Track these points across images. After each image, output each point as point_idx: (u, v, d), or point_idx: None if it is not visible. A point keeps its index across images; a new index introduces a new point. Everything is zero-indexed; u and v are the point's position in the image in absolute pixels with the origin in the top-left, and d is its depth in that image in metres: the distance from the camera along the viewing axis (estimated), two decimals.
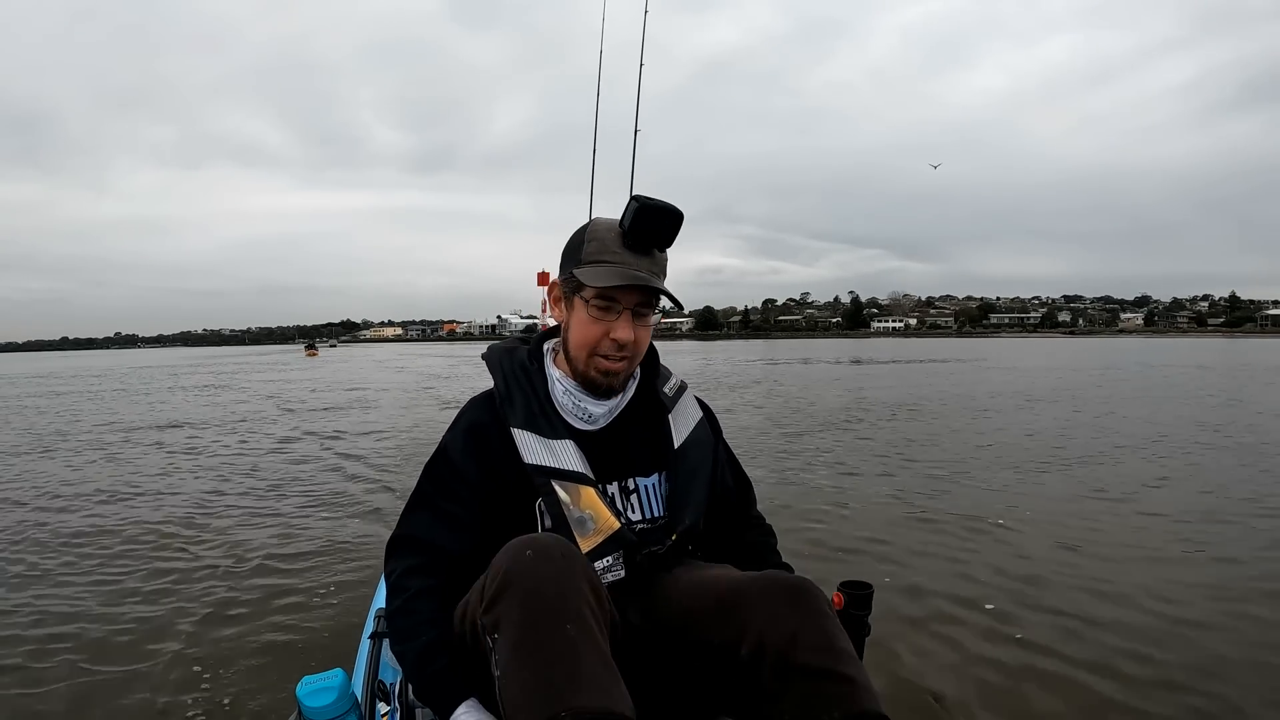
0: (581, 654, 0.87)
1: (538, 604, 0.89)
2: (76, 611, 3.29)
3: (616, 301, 1.15)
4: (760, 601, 1.00)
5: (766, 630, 0.97)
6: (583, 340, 1.18)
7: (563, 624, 0.88)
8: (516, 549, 0.96)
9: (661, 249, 1.18)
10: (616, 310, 1.16)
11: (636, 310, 1.17)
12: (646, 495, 1.24)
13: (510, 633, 0.89)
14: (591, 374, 1.19)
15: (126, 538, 4.55)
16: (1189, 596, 3.23)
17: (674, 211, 1.15)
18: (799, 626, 0.96)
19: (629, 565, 1.16)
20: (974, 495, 5.30)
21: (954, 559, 3.82)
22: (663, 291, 1.16)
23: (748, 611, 1.00)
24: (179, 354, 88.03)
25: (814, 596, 1.00)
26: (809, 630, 0.96)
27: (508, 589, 0.91)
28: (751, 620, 0.99)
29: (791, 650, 0.95)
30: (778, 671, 0.95)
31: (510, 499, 1.16)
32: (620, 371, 1.20)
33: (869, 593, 1.16)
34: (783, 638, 0.96)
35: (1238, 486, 5.44)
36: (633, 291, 1.15)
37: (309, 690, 1.13)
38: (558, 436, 1.18)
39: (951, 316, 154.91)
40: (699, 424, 1.32)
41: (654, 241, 1.16)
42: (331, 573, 3.74)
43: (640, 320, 1.18)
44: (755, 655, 0.97)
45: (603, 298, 1.15)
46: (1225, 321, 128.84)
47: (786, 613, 0.98)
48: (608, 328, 1.16)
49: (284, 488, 6.02)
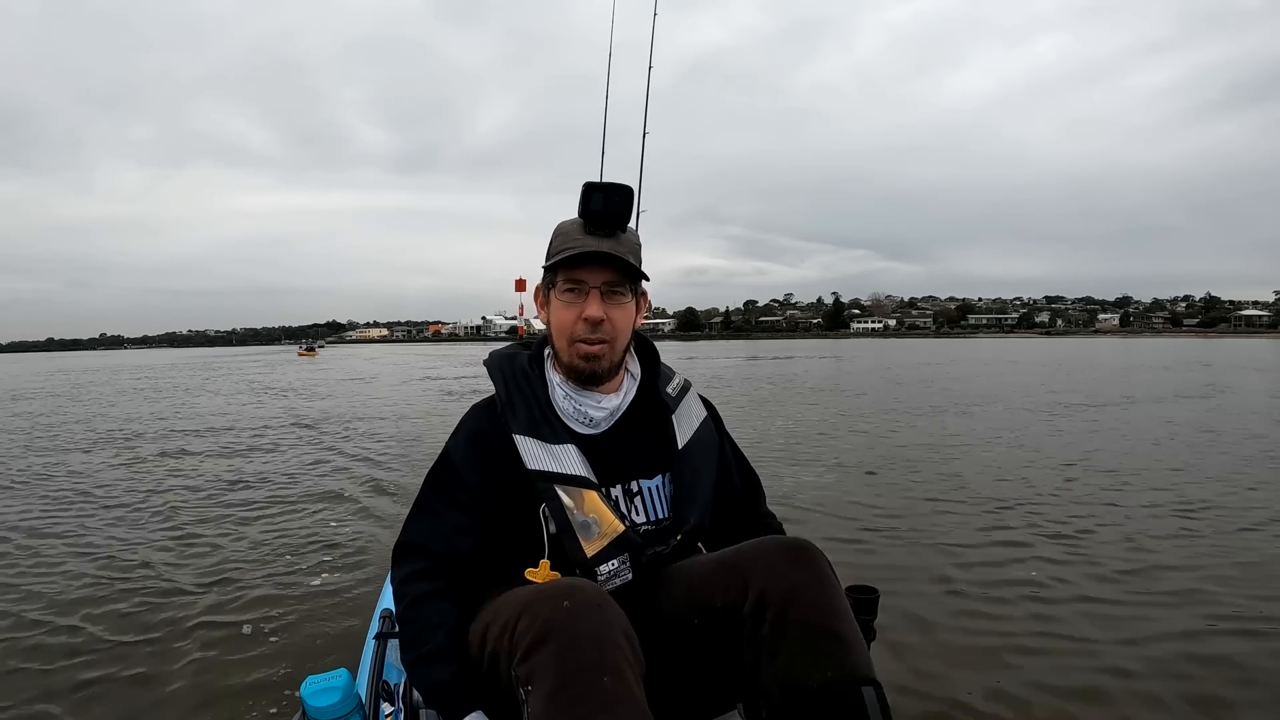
0: (618, 707, 0.87)
1: (575, 658, 0.89)
2: (77, 610, 3.29)
3: (583, 282, 1.17)
4: (763, 561, 1.02)
5: (768, 586, 0.99)
6: (559, 327, 1.20)
7: (600, 677, 0.88)
8: (553, 598, 0.94)
9: (621, 227, 1.20)
10: (584, 290, 1.18)
11: (608, 291, 1.18)
12: (650, 497, 1.25)
13: (545, 685, 0.88)
14: (575, 362, 1.20)
15: (133, 533, 4.57)
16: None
17: (621, 187, 1.17)
18: (800, 583, 0.98)
19: (635, 568, 1.17)
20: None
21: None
22: (626, 260, 1.17)
23: (750, 571, 1.02)
24: (170, 355, 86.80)
25: (816, 556, 1.03)
26: (810, 588, 0.98)
27: (545, 641, 0.90)
28: (754, 578, 1.01)
29: (791, 605, 0.97)
30: (776, 626, 0.97)
31: (514, 505, 1.17)
32: (601, 355, 1.20)
33: (874, 597, 1.17)
34: (784, 594, 0.98)
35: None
36: (599, 270, 1.17)
37: (313, 690, 1.14)
38: (559, 441, 1.19)
39: (930, 317, 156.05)
40: (703, 423, 1.32)
41: (609, 219, 1.18)
42: (337, 573, 3.76)
43: (612, 300, 1.19)
44: (757, 609, 0.99)
45: (570, 280, 1.18)
46: (1200, 322, 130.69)
47: (787, 570, 1.00)
48: (580, 309, 1.18)
49: (292, 486, 6.05)
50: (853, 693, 0.93)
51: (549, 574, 1.12)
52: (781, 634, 0.96)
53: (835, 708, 0.93)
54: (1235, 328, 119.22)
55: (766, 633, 0.97)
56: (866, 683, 0.94)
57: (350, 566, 3.85)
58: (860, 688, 0.93)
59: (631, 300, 1.22)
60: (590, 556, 1.13)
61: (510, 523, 1.17)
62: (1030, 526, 4.40)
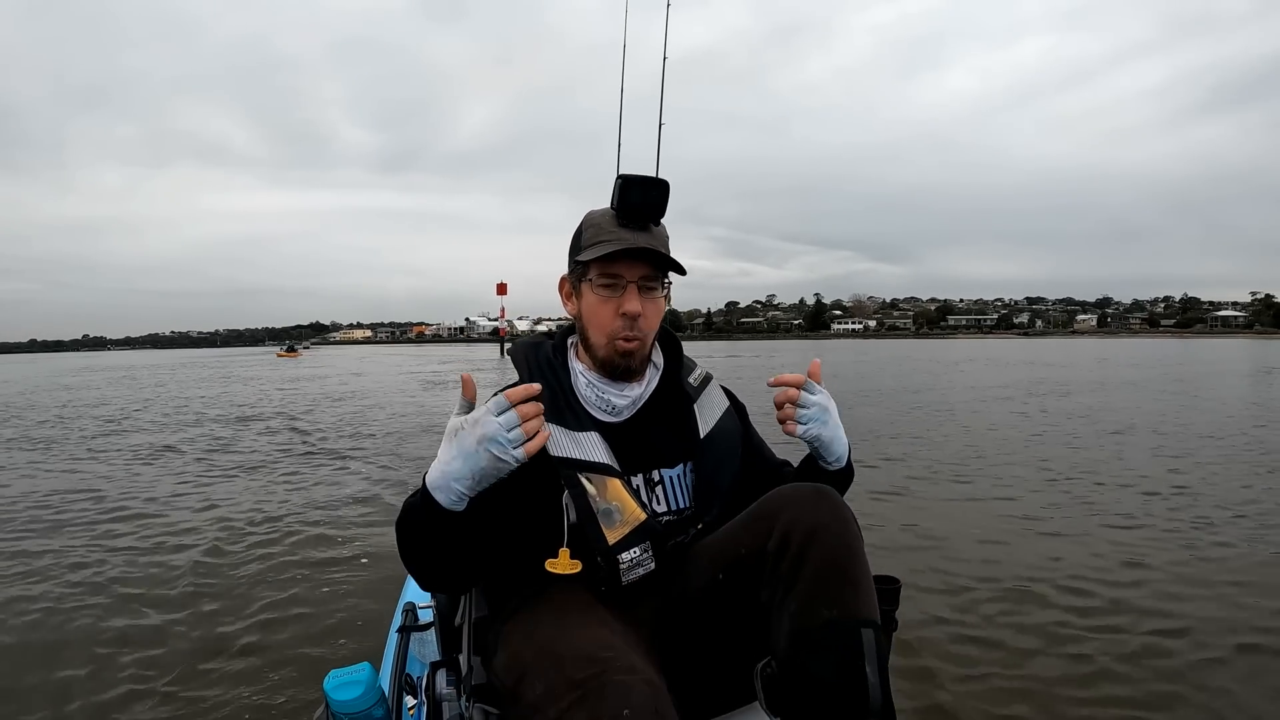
0: None
1: None
2: (99, 605, 3.30)
3: (620, 276, 1.16)
4: (790, 503, 1.04)
5: (792, 526, 1.00)
6: (597, 323, 1.19)
7: None
8: (614, 704, 0.88)
9: (656, 222, 1.19)
10: (622, 285, 1.16)
11: (643, 285, 1.17)
12: (672, 486, 1.24)
13: None
14: (613, 357, 1.19)
15: (159, 530, 4.62)
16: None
17: (659, 181, 1.16)
18: (820, 522, 1.00)
19: (658, 557, 1.16)
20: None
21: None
22: (663, 255, 1.17)
23: (778, 514, 1.03)
24: (158, 356, 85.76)
25: (837, 501, 1.04)
26: (831, 528, 0.99)
27: None
28: (780, 519, 1.02)
29: (812, 542, 0.98)
30: (796, 561, 0.98)
31: (535, 491, 1.16)
32: (635, 351, 1.19)
33: (896, 587, 1.16)
34: (806, 531, 0.99)
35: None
36: (635, 264, 1.16)
37: (336, 684, 1.13)
38: (583, 429, 1.18)
39: (911, 318, 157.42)
40: (725, 413, 1.31)
41: (645, 214, 1.17)
42: (361, 566, 3.77)
43: (647, 295, 1.18)
44: (781, 546, 1.00)
45: (606, 275, 1.16)
46: (1177, 323, 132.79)
47: (811, 510, 1.01)
48: (617, 304, 1.17)
49: (314, 485, 6.04)
50: (852, 632, 0.94)
51: (569, 563, 1.11)
52: (799, 569, 0.97)
53: (835, 646, 0.94)
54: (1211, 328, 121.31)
55: (785, 568, 0.99)
56: (867, 625, 0.95)
57: (373, 560, 3.86)
58: (860, 629, 0.94)
59: (663, 293, 1.22)
60: (612, 544, 1.12)
61: (531, 510, 1.16)
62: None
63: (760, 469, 1.34)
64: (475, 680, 1.13)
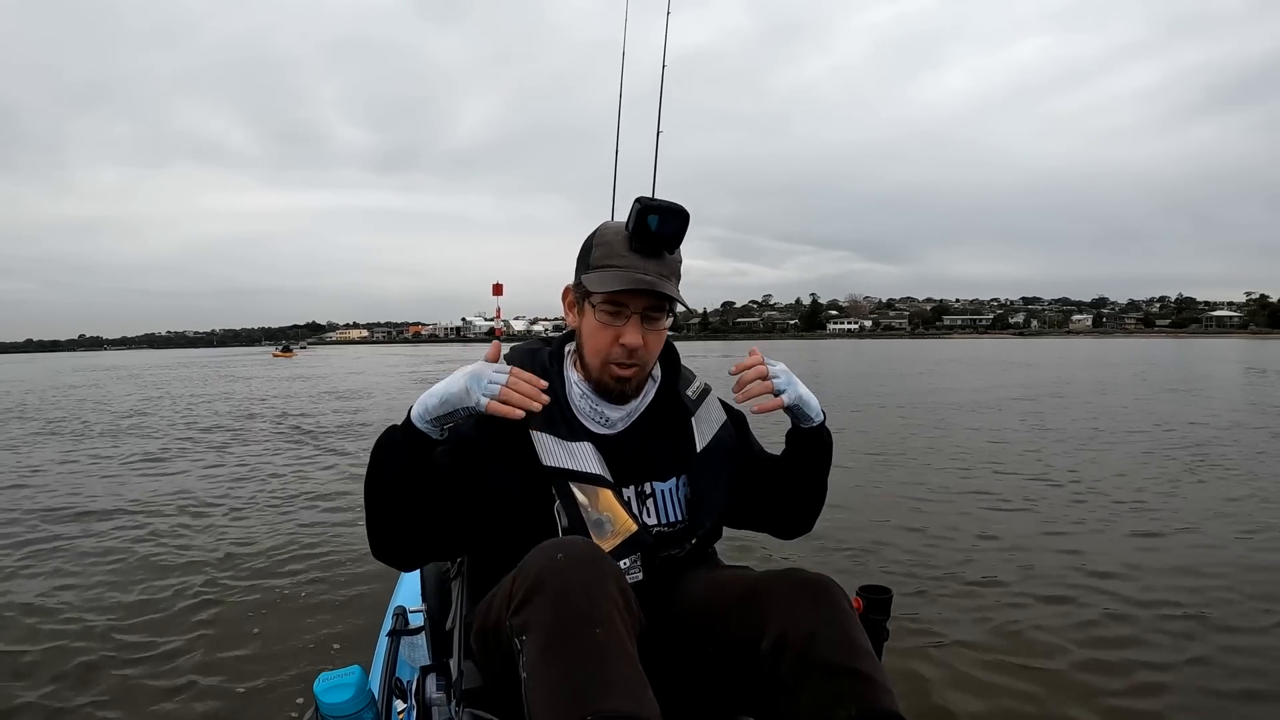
0: (610, 658, 0.86)
1: (567, 607, 0.89)
2: (90, 604, 3.30)
3: (625, 306, 1.14)
4: (782, 597, 1.00)
5: (788, 625, 0.97)
6: (594, 347, 1.18)
7: (592, 628, 0.88)
8: (547, 551, 0.95)
9: (670, 251, 1.17)
10: (625, 315, 1.14)
11: (646, 315, 1.15)
12: (663, 500, 1.23)
13: (539, 635, 0.88)
14: (605, 380, 1.18)
15: (149, 529, 4.62)
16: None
17: (679, 211, 1.13)
18: (820, 622, 0.97)
19: (647, 568, 1.16)
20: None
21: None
22: (671, 295, 1.14)
23: (769, 607, 1.00)
24: (157, 356, 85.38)
25: (835, 593, 1.01)
26: (829, 626, 0.96)
27: (538, 592, 0.91)
28: (772, 615, 0.99)
29: (811, 645, 0.95)
30: (797, 666, 0.95)
31: (528, 501, 1.16)
32: (631, 378, 1.18)
33: (888, 597, 1.16)
34: (803, 633, 0.96)
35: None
36: (641, 296, 1.14)
37: (326, 686, 1.13)
38: (576, 439, 1.17)
39: (907, 318, 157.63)
40: (723, 426, 1.30)
41: (661, 244, 1.14)
42: (353, 569, 3.76)
43: (650, 325, 1.17)
44: (776, 650, 0.97)
45: (610, 303, 1.14)
46: (1172, 323, 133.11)
47: (808, 608, 0.98)
48: (617, 333, 1.15)
49: (309, 487, 6.02)
50: None
51: None
52: (803, 675, 0.95)
53: None
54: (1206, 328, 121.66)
55: (786, 673, 0.96)
56: (892, 718, 0.92)
57: (363, 563, 3.83)
58: None
59: (667, 321, 1.21)
60: None
61: (523, 518, 1.16)
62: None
63: (760, 474, 1.33)
64: (465, 685, 1.12)
